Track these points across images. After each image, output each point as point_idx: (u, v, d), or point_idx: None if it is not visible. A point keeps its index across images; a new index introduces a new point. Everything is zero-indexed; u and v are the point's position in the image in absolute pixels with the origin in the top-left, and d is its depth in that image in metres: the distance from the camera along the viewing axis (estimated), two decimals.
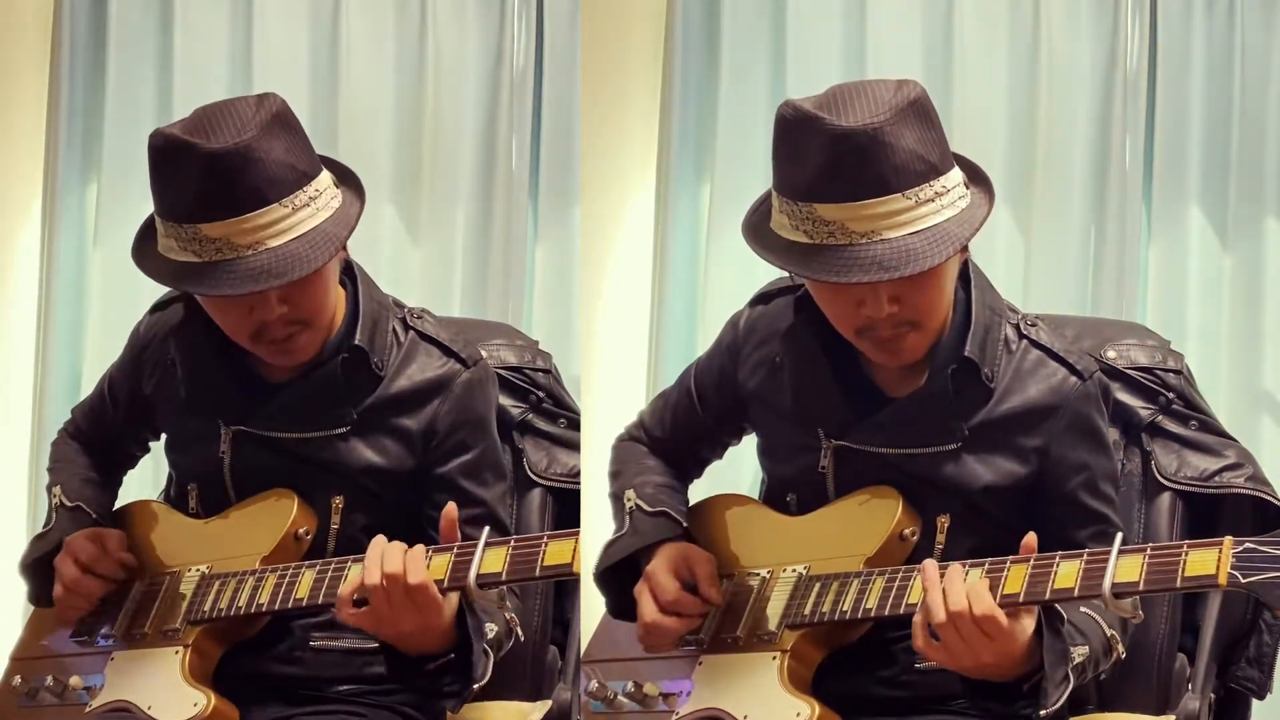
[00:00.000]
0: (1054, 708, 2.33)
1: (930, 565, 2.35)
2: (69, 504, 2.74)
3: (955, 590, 2.31)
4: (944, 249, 2.37)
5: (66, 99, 4.09)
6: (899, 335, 2.45)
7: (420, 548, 2.43)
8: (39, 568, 2.73)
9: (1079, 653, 2.39)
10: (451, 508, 2.47)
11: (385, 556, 2.42)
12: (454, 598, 2.46)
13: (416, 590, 2.41)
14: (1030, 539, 2.35)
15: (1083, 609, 2.43)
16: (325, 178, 2.58)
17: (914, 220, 2.37)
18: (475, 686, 2.51)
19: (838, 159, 2.35)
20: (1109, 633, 2.45)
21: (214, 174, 2.46)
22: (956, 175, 2.43)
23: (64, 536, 2.71)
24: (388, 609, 2.42)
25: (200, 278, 2.50)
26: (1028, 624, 2.33)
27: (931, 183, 2.39)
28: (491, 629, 2.54)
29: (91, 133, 4.13)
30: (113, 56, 4.10)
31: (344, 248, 2.61)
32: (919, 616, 2.34)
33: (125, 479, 2.93)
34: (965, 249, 2.49)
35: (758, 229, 2.48)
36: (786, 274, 2.63)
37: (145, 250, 2.58)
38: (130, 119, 4.07)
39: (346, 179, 2.64)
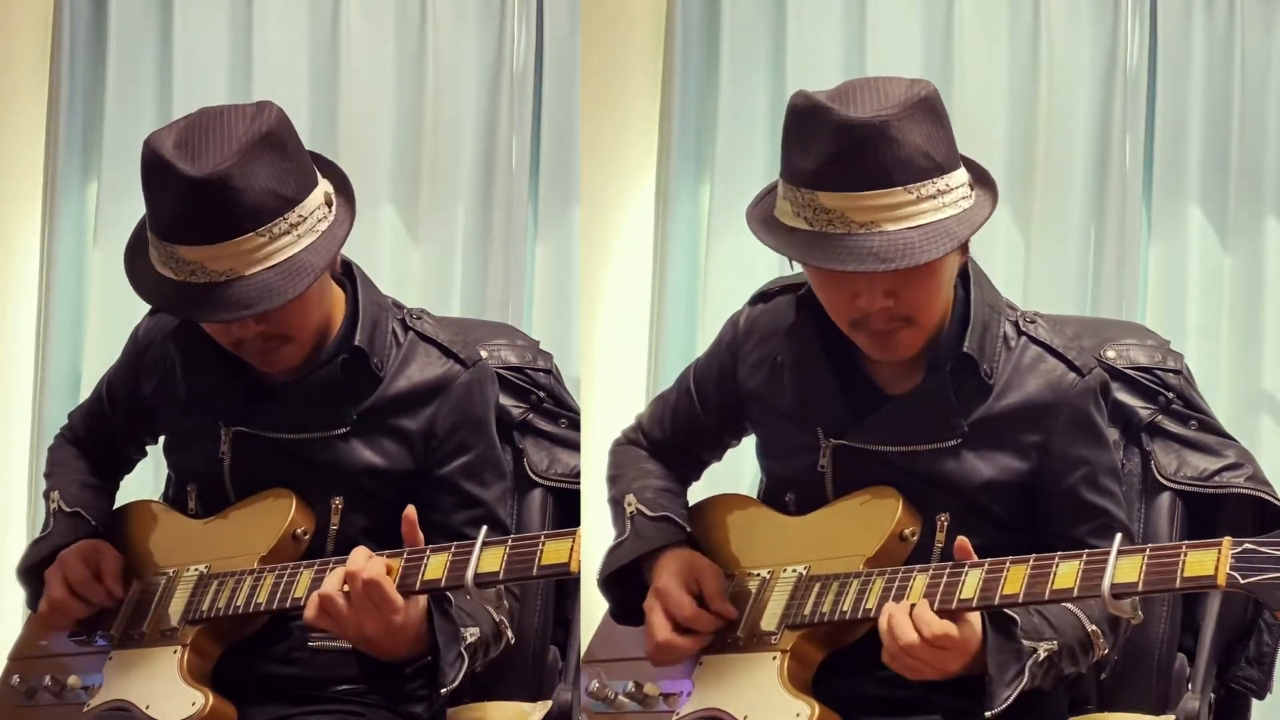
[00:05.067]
0: (1001, 706, 2.35)
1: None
2: (67, 509, 2.74)
3: (900, 624, 2.34)
4: (941, 245, 2.38)
5: (66, 99, 4.09)
6: (893, 330, 2.46)
7: (380, 555, 2.46)
8: (36, 573, 2.73)
9: (1044, 647, 2.40)
10: (410, 510, 2.48)
11: (351, 557, 2.45)
12: (420, 601, 2.47)
13: (370, 586, 2.42)
14: (962, 541, 2.38)
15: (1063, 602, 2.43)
16: (316, 197, 2.55)
17: (914, 215, 2.38)
18: (444, 692, 2.52)
19: (843, 148, 2.36)
20: (1089, 628, 2.45)
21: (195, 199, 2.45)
22: (961, 176, 2.44)
23: (61, 542, 2.71)
24: (346, 608, 2.44)
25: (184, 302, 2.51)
26: (976, 624, 2.36)
27: (935, 180, 2.40)
28: (473, 633, 2.55)
29: (91, 133, 4.13)
30: (113, 56, 4.10)
31: (329, 270, 2.58)
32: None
33: (125, 480, 2.93)
34: (965, 249, 2.49)
35: (761, 214, 2.49)
36: (786, 274, 2.63)
37: (136, 265, 2.57)
38: (130, 119, 4.07)
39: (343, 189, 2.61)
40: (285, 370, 2.63)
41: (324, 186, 2.56)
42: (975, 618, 2.36)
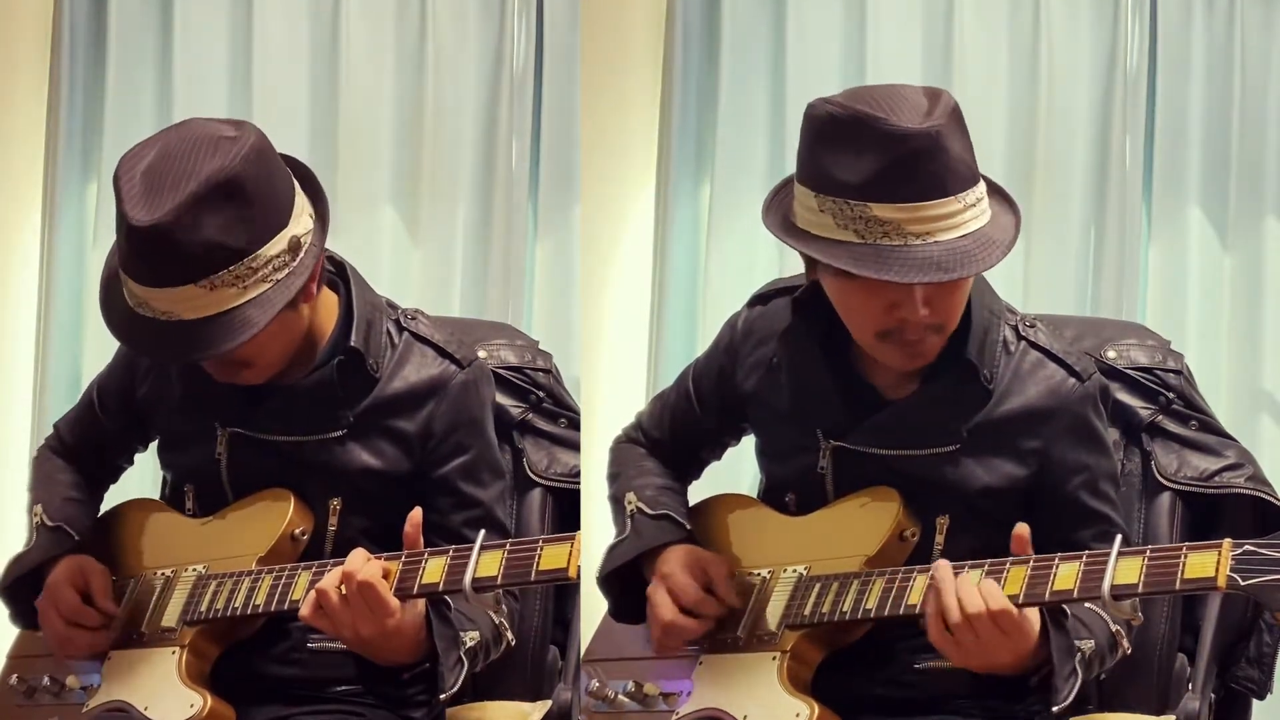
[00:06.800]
0: (1065, 703, 2.34)
1: (944, 566, 2.36)
2: (50, 524, 2.72)
3: (969, 592, 2.33)
4: (993, 253, 2.39)
5: (66, 99, 4.09)
6: (924, 338, 2.45)
7: (379, 558, 2.46)
8: (18, 589, 2.72)
9: (1086, 646, 2.40)
10: (416, 513, 2.48)
11: (350, 557, 2.45)
12: (418, 605, 2.47)
13: (365, 587, 2.42)
14: (1022, 530, 2.36)
15: (1087, 604, 2.43)
16: (276, 244, 2.49)
17: (962, 224, 2.38)
18: (443, 697, 2.52)
19: (899, 160, 2.34)
20: (1114, 628, 2.45)
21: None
22: (983, 186, 2.45)
23: (43, 558, 2.70)
24: (341, 607, 2.44)
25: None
26: (1035, 618, 2.35)
27: (973, 189, 2.40)
28: (473, 637, 2.54)
29: (91, 133, 4.13)
30: (113, 56, 4.10)
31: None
32: (933, 616, 2.35)
33: (125, 478, 2.92)
34: None
35: (780, 223, 2.47)
36: (785, 276, 2.63)
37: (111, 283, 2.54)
38: (130, 119, 4.07)
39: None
40: (283, 372, 2.63)
41: (293, 230, 2.50)
42: (1032, 613, 2.34)
